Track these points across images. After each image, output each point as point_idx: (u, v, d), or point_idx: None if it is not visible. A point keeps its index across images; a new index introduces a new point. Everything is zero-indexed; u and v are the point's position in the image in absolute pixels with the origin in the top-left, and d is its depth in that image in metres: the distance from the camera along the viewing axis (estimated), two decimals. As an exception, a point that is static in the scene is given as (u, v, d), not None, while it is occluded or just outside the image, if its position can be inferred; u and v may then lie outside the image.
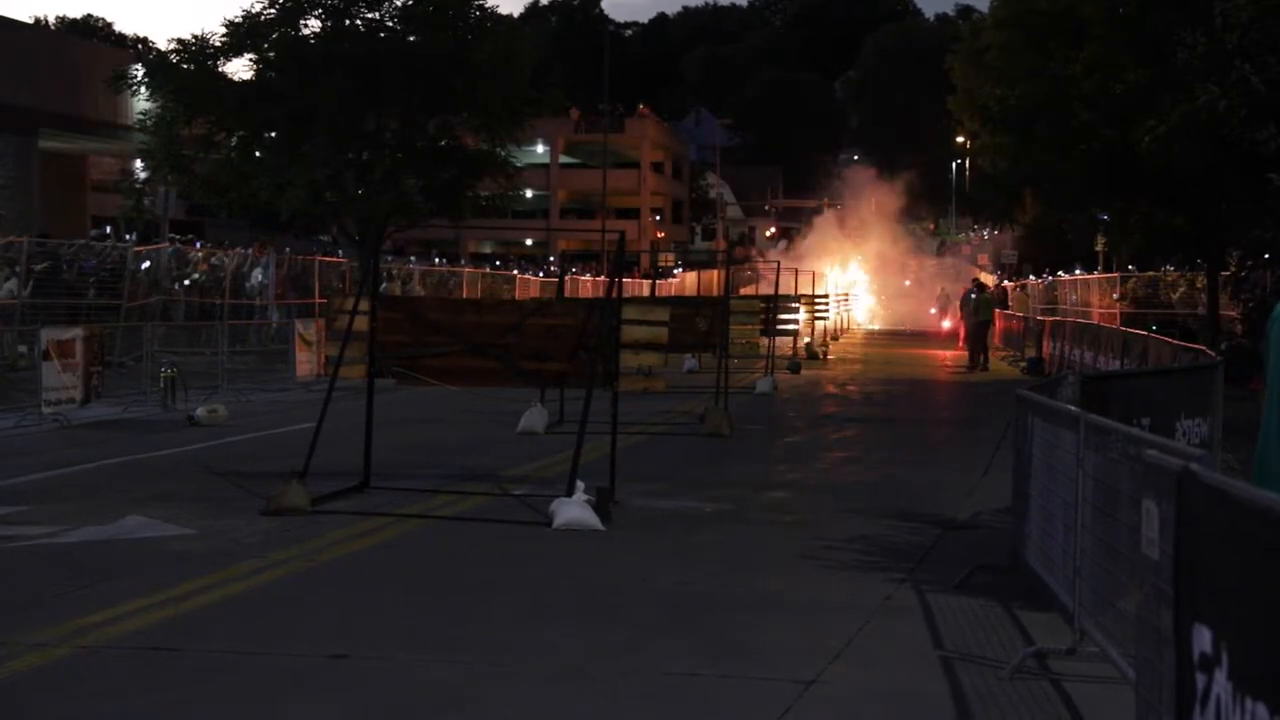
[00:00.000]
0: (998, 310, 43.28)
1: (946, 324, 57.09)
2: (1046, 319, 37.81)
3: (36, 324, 22.68)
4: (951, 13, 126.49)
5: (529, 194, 75.11)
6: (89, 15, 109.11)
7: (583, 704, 7.11)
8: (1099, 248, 48.00)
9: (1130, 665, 6.19)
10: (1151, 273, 40.16)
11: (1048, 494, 8.75)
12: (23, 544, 10.85)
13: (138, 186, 36.76)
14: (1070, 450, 7.98)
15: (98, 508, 12.33)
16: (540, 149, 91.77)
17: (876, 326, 67.42)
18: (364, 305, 13.88)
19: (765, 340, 27.54)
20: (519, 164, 42.62)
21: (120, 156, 43.36)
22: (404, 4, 35.58)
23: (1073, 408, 8.39)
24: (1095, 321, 33.06)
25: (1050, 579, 8.57)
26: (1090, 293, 41.70)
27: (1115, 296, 39.24)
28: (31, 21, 68.16)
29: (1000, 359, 37.97)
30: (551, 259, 72.39)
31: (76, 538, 11.09)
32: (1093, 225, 37.31)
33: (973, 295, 37.93)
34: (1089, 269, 49.16)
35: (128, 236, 38.10)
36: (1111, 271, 43.59)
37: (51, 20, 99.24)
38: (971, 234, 77.80)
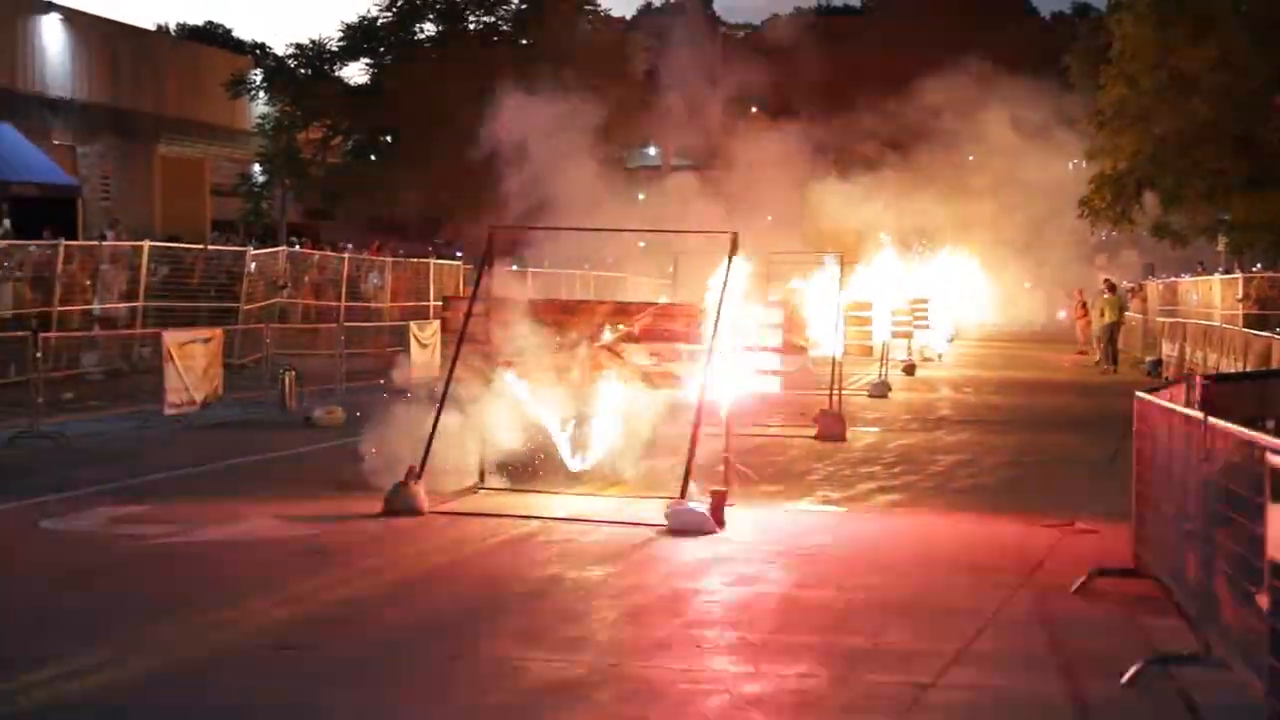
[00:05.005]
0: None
1: (1061, 314, 56.01)
2: (1166, 320, 37.14)
3: (158, 327, 23.06)
4: (1068, 10, 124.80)
5: (640, 197, 75.17)
6: (209, 22, 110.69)
7: (688, 707, 7.12)
8: (1220, 248, 47.10)
9: (1257, 673, 6.09)
10: (1276, 273, 39.27)
11: (1168, 497, 8.62)
12: (148, 543, 11.07)
13: (256, 190, 37.34)
14: (1191, 453, 7.85)
15: (220, 508, 12.54)
16: (652, 150, 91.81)
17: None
18: (478, 307, 13.99)
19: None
20: (630, 166, 42.73)
21: (239, 160, 44.10)
22: (517, 7, 35.84)
23: (1194, 410, 8.26)
24: (1218, 323, 32.42)
25: (1171, 584, 8.44)
26: (1211, 294, 40.89)
27: (1238, 297, 38.45)
28: (154, 29, 69.37)
29: (1122, 361, 37.32)
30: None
31: (200, 537, 11.30)
32: (1215, 225, 36.61)
33: (1104, 296, 37.43)
34: (1210, 270, 48.22)
35: (253, 239, 38.67)
36: (1233, 273, 42.73)
37: (172, 27, 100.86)
38: (1091, 236, 75.84)
